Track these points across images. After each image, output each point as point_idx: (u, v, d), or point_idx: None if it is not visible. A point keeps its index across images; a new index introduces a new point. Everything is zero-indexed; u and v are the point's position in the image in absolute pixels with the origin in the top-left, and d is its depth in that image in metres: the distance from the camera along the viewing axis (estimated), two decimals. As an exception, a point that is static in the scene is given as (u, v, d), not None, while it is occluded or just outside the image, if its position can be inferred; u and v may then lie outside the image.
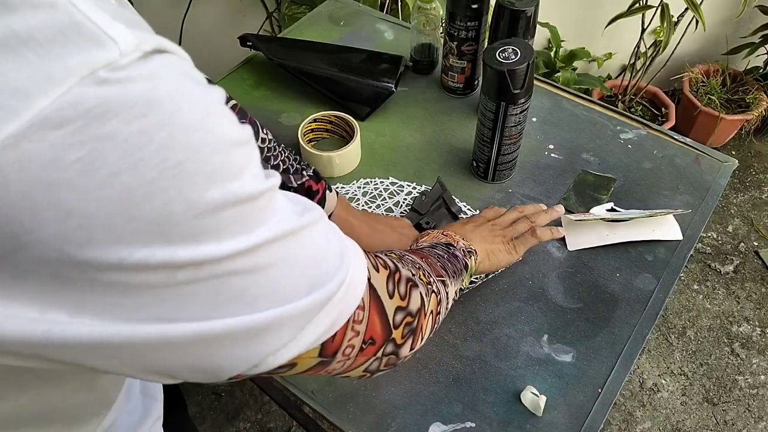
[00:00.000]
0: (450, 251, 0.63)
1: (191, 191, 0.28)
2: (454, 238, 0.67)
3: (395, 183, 0.93)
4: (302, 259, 0.34)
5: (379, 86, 1.01)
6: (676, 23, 1.74)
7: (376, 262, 0.45)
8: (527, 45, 0.80)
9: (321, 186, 0.72)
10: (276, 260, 0.33)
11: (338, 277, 0.37)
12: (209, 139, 0.28)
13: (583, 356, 0.75)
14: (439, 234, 0.68)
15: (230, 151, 0.30)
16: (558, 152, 0.97)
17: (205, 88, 0.29)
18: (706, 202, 0.90)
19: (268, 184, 0.32)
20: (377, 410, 0.71)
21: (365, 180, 0.94)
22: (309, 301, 0.34)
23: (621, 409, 1.55)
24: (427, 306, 0.50)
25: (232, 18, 1.76)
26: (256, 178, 0.31)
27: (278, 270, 0.33)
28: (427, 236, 0.68)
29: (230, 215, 0.29)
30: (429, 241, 0.66)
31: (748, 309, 1.74)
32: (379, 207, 0.90)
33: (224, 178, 0.29)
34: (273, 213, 0.33)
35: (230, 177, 0.29)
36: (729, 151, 2.15)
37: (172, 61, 0.28)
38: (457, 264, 0.62)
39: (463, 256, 0.65)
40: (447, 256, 0.62)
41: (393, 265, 0.47)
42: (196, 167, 0.28)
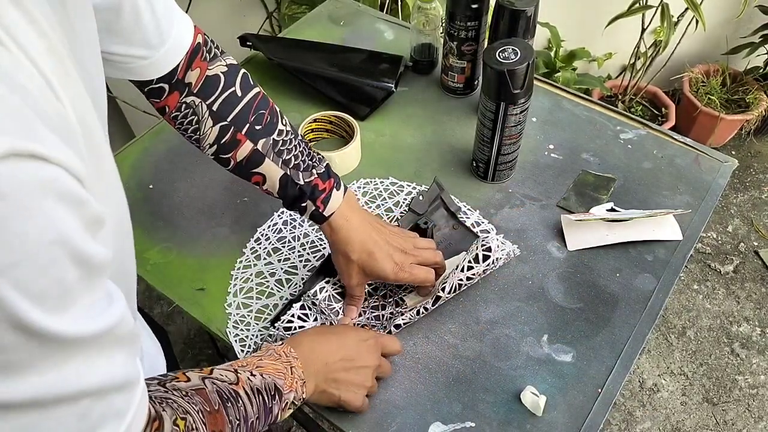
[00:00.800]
0: (268, 406, 0.59)
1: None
2: (293, 383, 0.61)
3: (395, 183, 0.93)
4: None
5: (379, 86, 1.01)
6: (676, 23, 1.74)
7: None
8: (527, 45, 0.80)
9: (329, 184, 0.72)
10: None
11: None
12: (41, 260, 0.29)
13: (583, 356, 0.75)
14: (287, 368, 0.62)
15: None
16: (558, 152, 0.97)
17: (64, 208, 0.30)
18: (706, 202, 0.90)
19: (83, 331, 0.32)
20: (377, 410, 0.71)
21: (365, 180, 0.94)
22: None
23: (621, 409, 1.55)
24: None
25: (232, 18, 1.76)
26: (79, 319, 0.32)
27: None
28: (273, 361, 0.62)
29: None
30: (266, 375, 0.60)
31: (748, 309, 1.74)
32: (379, 207, 0.90)
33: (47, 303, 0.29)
34: (61, 370, 0.32)
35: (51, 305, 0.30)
36: (729, 151, 2.15)
37: (30, 171, 0.28)
38: (258, 425, 0.58)
39: (279, 410, 0.60)
40: (257, 415, 0.57)
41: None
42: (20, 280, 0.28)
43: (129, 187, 0.94)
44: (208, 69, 0.67)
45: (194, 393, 0.52)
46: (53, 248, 0.30)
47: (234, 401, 0.55)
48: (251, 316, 0.79)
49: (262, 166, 0.70)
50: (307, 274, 0.82)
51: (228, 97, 0.68)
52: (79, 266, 0.32)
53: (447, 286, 0.76)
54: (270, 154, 0.70)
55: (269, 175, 0.70)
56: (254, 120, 0.69)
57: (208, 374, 0.56)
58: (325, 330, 0.70)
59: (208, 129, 0.68)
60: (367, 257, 0.72)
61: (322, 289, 0.76)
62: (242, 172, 0.71)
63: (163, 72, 0.63)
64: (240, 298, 0.81)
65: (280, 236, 0.87)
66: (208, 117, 0.67)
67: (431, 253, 0.76)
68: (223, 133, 0.68)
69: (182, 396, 0.51)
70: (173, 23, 0.62)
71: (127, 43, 0.58)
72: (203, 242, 0.87)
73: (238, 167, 0.71)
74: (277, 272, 0.83)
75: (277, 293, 0.81)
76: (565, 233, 0.86)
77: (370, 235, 0.73)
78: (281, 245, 0.86)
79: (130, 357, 0.40)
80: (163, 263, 0.85)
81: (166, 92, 0.66)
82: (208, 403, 0.52)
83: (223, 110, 0.67)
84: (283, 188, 0.71)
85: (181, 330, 1.74)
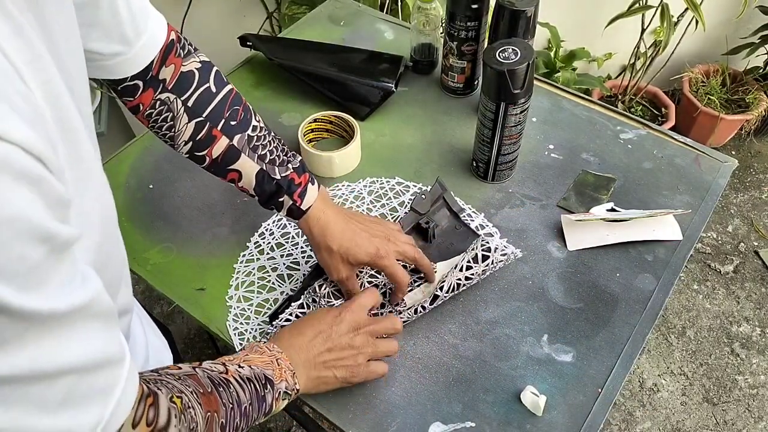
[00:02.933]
0: (260, 394, 0.59)
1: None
2: (282, 373, 0.62)
3: (401, 183, 0.93)
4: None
5: (379, 86, 1.01)
6: (676, 23, 1.74)
7: (144, 414, 0.44)
8: (527, 45, 0.80)
9: (304, 178, 0.72)
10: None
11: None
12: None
13: (583, 356, 0.75)
14: (273, 361, 0.63)
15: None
16: (558, 152, 0.97)
17: (19, 186, 0.30)
18: (706, 202, 0.90)
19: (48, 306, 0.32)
20: (377, 410, 0.71)
21: (371, 179, 0.94)
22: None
23: (621, 409, 1.55)
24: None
25: (232, 18, 1.76)
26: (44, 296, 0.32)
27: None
28: (259, 356, 0.63)
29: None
30: (254, 367, 0.61)
31: (748, 309, 1.74)
32: (384, 206, 0.90)
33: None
34: (38, 346, 0.33)
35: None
36: (729, 151, 2.15)
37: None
38: (253, 412, 0.59)
39: (273, 400, 0.61)
40: (250, 401, 0.58)
41: (164, 422, 0.46)
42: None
43: (129, 187, 0.94)
44: (183, 65, 0.67)
45: (187, 377, 0.53)
46: (11, 226, 0.30)
47: (225, 387, 0.56)
48: (251, 309, 0.79)
49: (238, 162, 0.70)
50: (309, 270, 0.82)
51: (203, 93, 0.67)
52: (42, 244, 0.32)
53: (445, 285, 0.76)
54: (245, 149, 0.69)
55: (245, 171, 0.70)
56: (229, 116, 0.69)
57: (198, 365, 0.57)
58: (299, 321, 0.70)
59: (183, 125, 0.67)
60: (349, 244, 0.71)
61: (321, 285, 0.76)
62: (218, 169, 0.71)
63: (139, 68, 0.63)
64: (241, 291, 0.81)
65: (284, 232, 0.88)
66: (183, 113, 0.67)
67: (411, 248, 0.75)
68: (199, 129, 0.68)
69: (175, 379, 0.52)
70: (148, 18, 0.62)
71: (105, 39, 0.58)
72: (203, 242, 0.87)
73: (214, 164, 0.70)
74: (280, 267, 0.84)
75: (278, 288, 0.82)
76: (565, 233, 0.86)
77: (348, 224, 0.73)
78: (285, 240, 0.86)
79: (110, 333, 0.40)
80: (163, 263, 0.85)
81: (141, 89, 0.65)
82: (201, 386, 0.53)
83: (198, 106, 0.67)
84: (260, 184, 0.71)
85: (181, 330, 1.74)
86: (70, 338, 0.35)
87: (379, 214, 0.90)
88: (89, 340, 0.37)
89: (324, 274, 0.78)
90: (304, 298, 0.76)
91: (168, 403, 0.47)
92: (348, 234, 0.72)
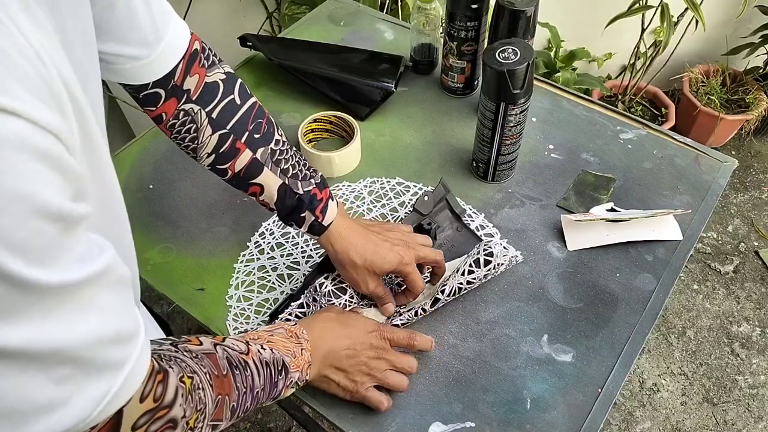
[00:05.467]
0: (274, 380, 0.60)
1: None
2: (300, 362, 0.63)
3: (402, 183, 0.93)
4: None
5: (379, 86, 1.01)
6: (676, 23, 1.74)
7: (152, 390, 0.44)
8: (527, 45, 0.80)
9: (325, 194, 0.72)
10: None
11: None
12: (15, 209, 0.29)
13: (583, 356, 0.75)
14: (298, 348, 0.63)
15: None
16: (558, 152, 0.97)
17: (37, 162, 0.30)
18: (706, 202, 0.90)
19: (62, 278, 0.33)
20: (377, 410, 0.71)
21: (372, 179, 0.94)
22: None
23: (621, 409, 1.55)
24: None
25: (232, 18, 1.76)
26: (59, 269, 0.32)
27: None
28: (286, 340, 0.63)
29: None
30: (276, 351, 0.61)
31: (748, 309, 1.74)
32: (384, 206, 0.90)
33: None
34: (48, 313, 0.33)
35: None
36: (729, 151, 2.15)
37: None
38: (263, 397, 0.59)
39: (284, 387, 0.61)
40: (263, 387, 0.58)
41: (169, 400, 0.46)
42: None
43: (129, 187, 0.94)
44: (207, 76, 0.66)
45: (204, 356, 0.53)
46: (28, 202, 0.30)
47: (242, 369, 0.56)
48: (251, 309, 0.79)
49: (261, 176, 0.69)
50: (309, 270, 0.82)
51: (227, 104, 0.66)
52: (57, 221, 0.32)
53: (447, 289, 0.75)
54: (268, 163, 0.69)
55: (267, 185, 0.69)
56: (253, 128, 0.68)
57: (220, 341, 0.57)
58: (336, 316, 0.70)
59: (207, 137, 0.66)
60: (373, 257, 0.71)
61: (322, 284, 0.75)
62: (240, 182, 0.70)
63: (160, 74, 0.62)
64: (241, 291, 0.81)
65: (284, 231, 0.88)
66: (207, 125, 0.66)
67: (431, 251, 0.76)
68: (223, 141, 0.67)
69: (192, 357, 0.52)
70: (169, 23, 0.61)
71: (122, 41, 0.57)
72: (203, 242, 0.87)
73: (236, 178, 0.69)
74: (280, 267, 0.84)
75: (278, 288, 0.82)
76: (565, 233, 0.86)
77: (368, 237, 0.73)
78: (285, 240, 0.87)
79: (125, 307, 0.40)
80: (163, 263, 0.85)
81: (163, 98, 0.64)
82: (217, 368, 0.53)
83: (222, 118, 0.66)
84: (281, 199, 0.70)
85: (181, 330, 1.74)
86: (83, 312, 0.35)
87: (379, 214, 0.90)
88: (103, 314, 0.37)
89: (324, 273, 0.78)
90: (304, 298, 0.76)
91: (177, 382, 0.47)
92: (370, 246, 0.72)
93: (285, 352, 0.62)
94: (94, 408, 0.38)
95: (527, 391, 0.72)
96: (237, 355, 0.56)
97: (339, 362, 0.67)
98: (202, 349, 0.54)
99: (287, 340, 0.63)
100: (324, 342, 0.66)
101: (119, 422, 0.41)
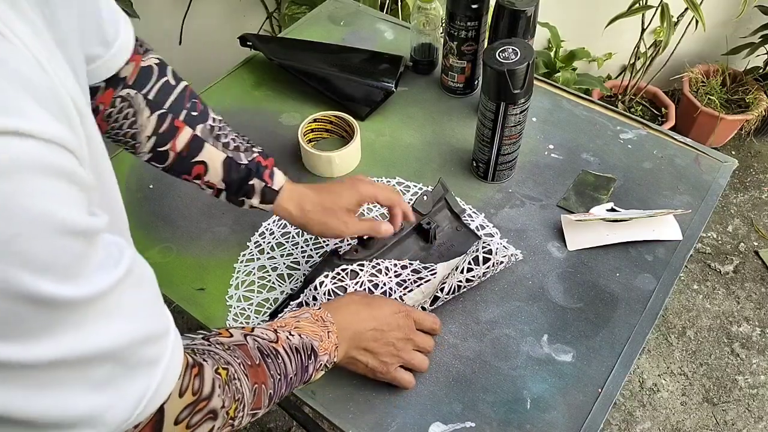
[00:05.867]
0: (304, 364, 0.60)
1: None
2: (327, 346, 0.63)
3: (402, 183, 0.93)
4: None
5: (379, 86, 1.01)
6: (676, 23, 1.74)
7: (190, 384, 0.45)
8: (527, 45, 0.80)
9: (270, 162, 0.73)
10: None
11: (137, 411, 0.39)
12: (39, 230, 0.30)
13: (583, 356, 0.75)
14: (325, 332, 0.63)
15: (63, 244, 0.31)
16: (558, 152, 0.97)
17: (55, 181, 0.30)
18: (706, 202, 0.90)
19: (91, 290, 0.33)
20: (377, 410, 0.71)
21: (372, 179, 0.93)
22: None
23: (621, 409, 1.55)
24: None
25: (232, 18, 1.76)
26: (84, 281, 0.33)
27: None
28: (313, 324, 0.63)
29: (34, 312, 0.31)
30: (304, 336, 0.61)
31: (748, 309, 1.74)
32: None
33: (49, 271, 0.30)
34: (80, 327, 0.34)
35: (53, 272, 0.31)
36: (729, 151, 2.15)
37: (18, 147, 0.29)
38: (296, 382, 0.60)
39: (314, 370, 0.62)
40: (295, 372, 0.59)
41: (208, 392, 0.47)
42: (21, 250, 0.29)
43: (129, 187, 0.94)
44: (142, 61, 0.67)
45: (236, 347, 0.54)
46: (50, 220, 0.30)
47: (274, 358, 0.57)
48: (251, 309, 0.79)
49: (203, 153, 0.69)
50: (309, 270, 0.82)
51: (163, 85, 0.68)
52: (80, 234, 0.32)
53: (446, 287, 0.75)
54: (209, 139, 0.70)
55: (211, 161, 0.70)
56: (190, 107, 0.69)
57: (250, 332, 0.58)
58: (360, 299, 0.71)
59: (146, 119, 0.67)
60: (331, 196, 0.74)
61: (322, 283, 0.75)
62: (182, 164, 0.70)
63: (114, 71, 0.62)
64: (241, 291, 0.81)
65: (285, 231, 0.88)
66: (146, 106, 0.66)
67: (380, 188, 0.77)
68: (162, 121, 0.67)
69: (224, 349, 0.53)
70: (120, 16, 0.61)
71: (90, 41, 0.57)
72: (203, 242, 0.87)
73: (178, 159, 0.69)
74: (280, 267, 0.84)
75: (278, 287, 0.82)
76: (565, 233, 0.86)
77: (319, 187, 0.75)
78: (285, 240, 0.87)
79: (152, 305, 0.41)
80: (163, 263, 0.85)
81: (100, 90, 0.64)
82: (249, 358, 0.54)
83: (159, 98, 0.67)
84: (228, 172, 0.70)
85: (181, 330, 1.74)
86: (114, 316, 0.36)
87: (379, 214, 0.90)
88: (132, 314, 0.38)
89: (324, 272, 0.77)
90: (303, 297, 0.76)
91: (213, 374, 0.48)
92: (324, 191, 0.74)
93: (313, 337, 0.62)
94: (135, 407, 0.39)
95: (527, 391, 0.72)
96: (267, 343, 0.57)
97: (366, 344, 0.67)
98: (233, 340, 0.55)
99: (313, 325, 0.64)
100: (349, 324, 0.67)
101: (162, 419, 0.42)
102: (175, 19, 1.68)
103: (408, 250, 0.84)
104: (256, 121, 1.03)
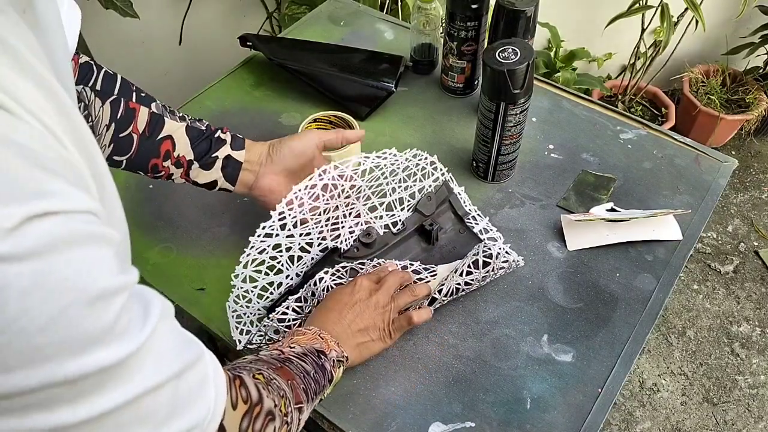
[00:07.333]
0: (319, 363, 0.62)
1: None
2: (328, 344, 0.65)
3: (418, 155, 0.84)
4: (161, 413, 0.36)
5: (379, 86, 1.01)
6: (676, 23, 1.74)
7: (238, 395, 0.46)
8: (527, 45, 0.80)
9: (226, 129, 0.75)
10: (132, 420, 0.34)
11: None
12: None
13: (583, 356, 0.75)
14: (316, 336, 0.65)
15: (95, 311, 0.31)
16: (558, 152, 0.97)
17: (88, 249, 0.30)
18: (706, 202, 0.90)
19: (130, 346, 0.33)
20: (377, 410, 0.71)
21: (377, 153, 0.82)
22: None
23: (621, 409, 1.55)
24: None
25: (232, 18, 1.76)
26: (122, 340, 0.32)
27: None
28: (302, 336, 0.65)
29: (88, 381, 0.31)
30: (303, 345, 0.63)
31: (748, 309, 1.74)
32: (383, 206, 0.89)
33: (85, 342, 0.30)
34: (135, 372, 0.34)
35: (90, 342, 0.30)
36: (729, 151, 2.15)
37: (48, 228, 0.28)
38: (321, 380, 0.62)
39: (331, 368, 0.63)
40: (314, 370, 0.61)
41: (257, 396, 0.48)
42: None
43: (129, 187, 0.94)
44: (79, 58, 0.69)
45: (256, 361, 0.57)
46: (91, 289, 0.30)
47: (289, 363, 0.59)
48: (254, 293, 0.75)
49: (166, 127, 0.69)
50: (318, 254, 0.80)
51: (105, 76, 0.70)
52: (117, 294, 0.32)
53: (444, 289, 0.75)
54: (166, 114, 0.71)
55: (175, 133, 0.70)
56: (136, 90, 0.71)
57: (256, 356, 0.60)
58: (323, 300, 0.72)
59: (99, 110, 0.66)
60: (289, 150, 0.75)
61: (321, 279, 0.75)
62: (150, 144, 0.69)
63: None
64: (250, 270, 0.75)
65: (313, 206, 0.76)
66: (96, 98, 0.66)
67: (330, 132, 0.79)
68: (116, 107, 0.67)
69: (248, 363, 0.56)
70: (69, 20, 0.61)
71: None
72: (203, 242, 0.87)
73: (143, 141, 0.68)
74: (294, 247, 0.77)
75: (286, 271, 0.78)
76: (565, 233, 0.86)
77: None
78: (310, 216, 0.76)
79: (184, 334, 0.41)
80: (163, 263, 0.85)
81: None
82: (271, 365, 0.56)
83: (106, 87, 0.69)
84: (195, 140, 0.71)
85: (181, 330, 1.74)
86: (157, 356, 0.36)
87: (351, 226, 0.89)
88: (172, 349, 0.37)
89: (324, 267, 0.77)
90: (302, 292, 0.76)
91: (253, 381, 0.49)
92: (284, 143, 0.75)
93: (311, 343, 0.64)
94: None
95: (527, 391, 0.72)
96: (278, 356, 0.60)
97: (357, 325, 0.69)
98: (250, 359, 0.58)
99: (304, 336, 0.65)
100: (332, 323, 0.68)
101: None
102: (175, 19, 1.68)
103: (409, 251, 0.84)
104: (256, 121, 1.03)
